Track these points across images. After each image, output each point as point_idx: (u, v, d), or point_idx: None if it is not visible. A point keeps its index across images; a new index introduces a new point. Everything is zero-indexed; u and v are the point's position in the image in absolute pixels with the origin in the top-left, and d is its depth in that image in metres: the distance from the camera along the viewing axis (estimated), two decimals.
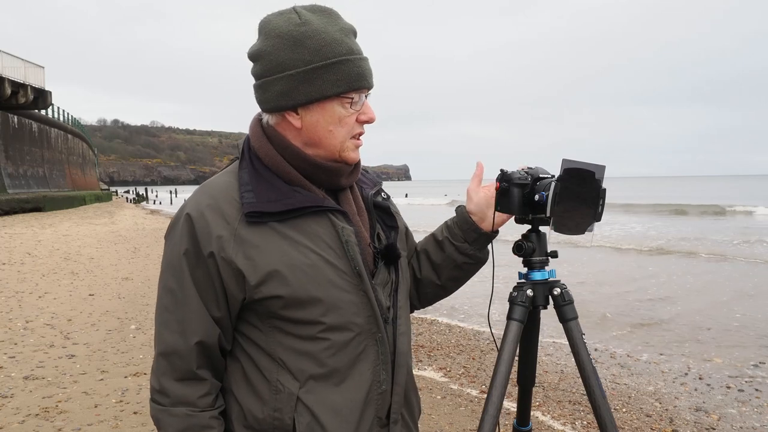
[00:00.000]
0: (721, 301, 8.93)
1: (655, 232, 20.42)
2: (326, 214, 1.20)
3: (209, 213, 1.16)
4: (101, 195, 47.11)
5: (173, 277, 1.18)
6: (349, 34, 1.20)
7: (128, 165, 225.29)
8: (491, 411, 1.33)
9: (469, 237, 1.44)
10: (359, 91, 1.20)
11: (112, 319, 6.93)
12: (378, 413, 1.23)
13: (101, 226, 21.64)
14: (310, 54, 1.16)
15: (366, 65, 1.20)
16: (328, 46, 1.16)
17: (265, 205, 1.16)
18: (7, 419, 3.92)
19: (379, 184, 1.42)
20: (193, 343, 1.17)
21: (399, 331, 1.27)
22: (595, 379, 1.38)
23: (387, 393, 1.24)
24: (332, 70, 1.16)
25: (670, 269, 12.17)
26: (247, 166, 1.23)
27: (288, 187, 1.20)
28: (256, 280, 1.14)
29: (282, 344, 1.18)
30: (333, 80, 1.16)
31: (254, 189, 1.18)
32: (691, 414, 4.51)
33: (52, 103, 33.60)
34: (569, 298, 1.44)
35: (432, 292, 1.51)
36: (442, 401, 4.59)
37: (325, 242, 1.18)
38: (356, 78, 1.18)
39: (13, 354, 5.44)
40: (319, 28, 1.18)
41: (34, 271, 10.45)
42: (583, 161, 1.29)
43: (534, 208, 1.39)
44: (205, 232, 1.15)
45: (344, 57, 1.17)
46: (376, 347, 1.22)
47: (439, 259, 1.46)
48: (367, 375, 1.21)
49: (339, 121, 1.20)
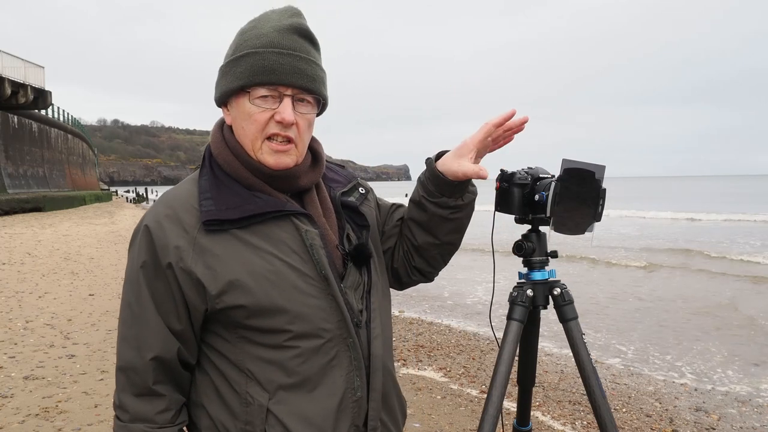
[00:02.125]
0: (720, 301, 8.93)
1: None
2: (289, 218, 1.16)
3: (167, 223, 1.13)
4: (101, 195, 47.08)
5: (131, 291, 1.16)
6: (284, 31, 1.13)
7: (128, 165, 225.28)
8: (491, 411, 1.33)
9: (445, 191, 1.28)
10: (268, 86, 1.12)
11: (112, 319, 6.93)
12: (354, 421, 1.18)
13: (101, 226, 21.64)
14: (233, 48, 1.17)
15: (284, 60, 1.11)
16: (249, 40, 1.14)
17: (224, 212, 1.12)
18: (7, 419, 3.92)
19: (354, 180, 1.36)
20: (149, 358, 1.14)
21: (373, 334, 1.21)
22: (595, 379, 1.39)
23: (363, 399, 1.19)
24: (239, 62, 1.14)
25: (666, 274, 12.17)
26: (207, 173, 1.19)
27: (248, 193, 1.16)
28: (216, 290, 1.10)
29: (249, 354, 1.15)
30: (237, 73, 1.14)
31: (213, 196, 1.15)
32: (691, 414, 4.51)
33: (52, 103, 33.59)
34: (569, 298, 1.44)
35: (437, 252, 1.38)
36: (442, 401, 4.59)
37: (289, 247, 1.14)
38: (260, 71, 1.11)
39: (13, 354, 5.44)
40: (258, 24, 1.16)
41: (34, 271, 10.45)
42: (583, 161, 1.29)
43: (534, 208, 1.39)
44: (163, 243, 1.12)
45: (253, 50, 1.13)
46: (348, 353, 1.17)
47: (425, 219, 1.33)
48: (339, 382, 1.17)
49: (248, 117, 1.14)
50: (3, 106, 28.12)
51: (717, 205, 36.31)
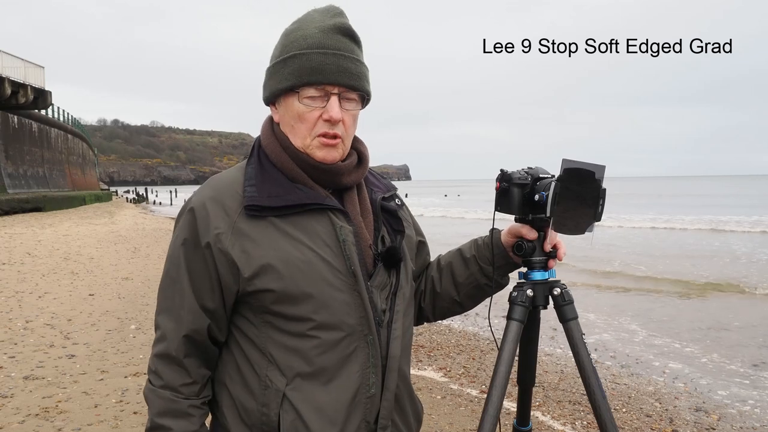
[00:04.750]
0: (720, 301, 8.93)
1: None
2: (326, 213, 1.20)
3: (211, 205, 1.18)
4: (101, 195, 47.09)
5: (171, 266, 1.22)
6: (329, 31, 1.18)
7: (128, 165, 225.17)
8: (491, 411, 1.33)
9: (498, 262, 1.43)
10: (316, 86, 1.17)
11: (112, 319, 6.93)
12: (366, 417, 1.21)
13: (101, 226, 21.64)
14: (280, 49, 1.22)
15: (331, 60, 1.16)
16: (297, 41, 1.19)
17: (266, 199, 1.17)
18: (7, 419, 3.92)
19: (393, 190, 1.41)
20: (183, 332, 1.19)
21: (393, 335, 1.24)
22: (595, 379, 1.38)
23: (376, 397, 1.22)
24: (288, 63, 1.18)
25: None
26: (254, 162, 1.25)
27: (291, 184, 1.21)
28: (249, 273, 1.15)
29: (273, 340, 1.19)
30: (286, 74, 1.18)
31: (257, 184, 1.20)
32: (691, 414, 4.51)
33: (52, 103, 33.57)
34: (569, 298, 1.43)
35: (448, 306, 1.50)
36: (442, 401, 4.59)
37: (322, 240, 1.18)
38: (308, 72, 1.16)
39: (13, 354, 5.44)
40: (303, 25, 1.21)
41: (34, 271, 10.45)
42: (583, 161, 1.28)
43: (534, 208, 1.38)
44: (205, 224, 1.17)
45: (300, 51, 1.17)
46: (366, 349, 1.20)
47: (462, 275, 1.46)
48: (355, 377, 1.19)
49: (299, 117, 1.19)
50: (3, 106, 28.12)
51: (702, 209, 34.58)
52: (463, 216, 34.02)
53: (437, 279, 1.49)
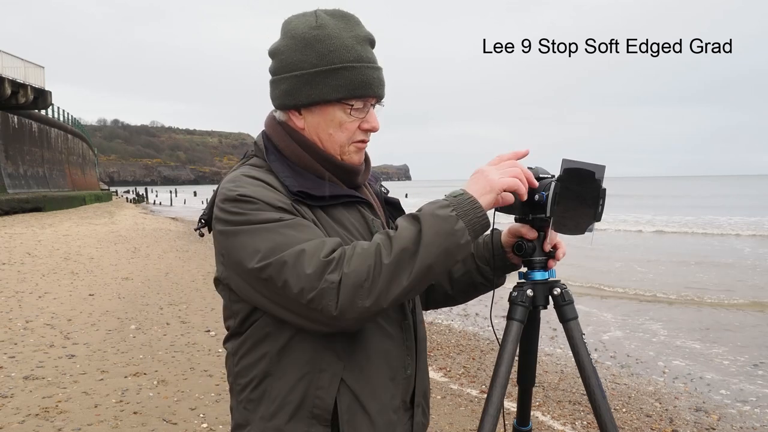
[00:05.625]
0: (720, 302, 8.93)
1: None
2: (356, 206, 1.27)
3: (265, 191, 1.15)
4: (101, 195, 47.09)
5: (279, 229, 1.11)
6: (363, 42, 1.23)
7: (128, 165, 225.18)
8: (491, 411, 1.33)
9: (496, 263, 1.47)
10: (363, 98, 1.23)
11: (112, 319, 6.93)
12: (403, 397, 1.28)
13: (101, 226, 21.64)
14: (317, 57, 1.21)
15: (374, 74, 1.23)
16: (336, 51, 1.20)
17: (310, 189, 1.20)
18: (7, 419, 3.92)
19: (380, 180, 1.48)
20: (327, 248, 1.10)
21: (418, 319, 1.34)
22: (595, 379, 1.38)
23: (411, 377, 1.30)
24: (335, 75, 1.20)
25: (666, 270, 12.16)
26: (276, 160, 1.25)
27: (321, 180, 1.25)
28: None
29: None
30: (335, 85, 1.21)
31: (292, 176, 1.22)
32: (691, 414, 4.51)
33: (52, 103, 33.58)
34: (569, 298, 1.44)
35: (440, 299, 1.55)
36: (442, 401, 4.59)
37: (358, 231, 1.24)
38: (359, 86, 1.21)
39: (13, 354, 5.44)
40: (332, 33, 1.21)
41: (34, 271, 10.44)
42: (583, 161, 1.28)
43: (534, 208, 1.38)
44: (273, 198, 1.14)
45: (349, 64, 1.21)
46: (402, 333, 1.28)
47: (458, 272, 1.49)
48: (396, 360, 1.26)
49: (340, 125, 1.24)
50: (3, 106, 28.13)
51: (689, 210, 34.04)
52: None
53: None
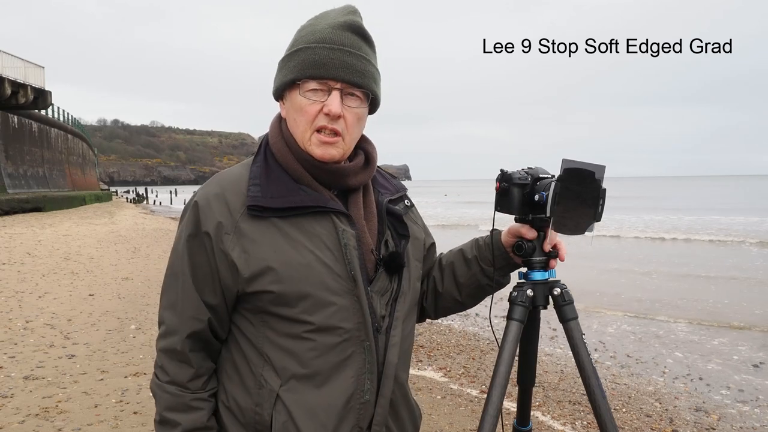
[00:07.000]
0: (720, 301, 8.93)
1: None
2: (329, 216, 1.19)
3: (215, 202, 1.18)
4: (101, 195, 47.05)
5: (175, 261, 1.22)
6: (339, 28, 1.18)
7: (128, 165, 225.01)
8: (491, 411, 1.33)
9: (498, 263, 1.44)
10: (318, 79, 1.16)
11: (112, 319, 6.93)
12: (359, 423, 1.20)
13: (101, 226, 21.63)
14: (291, 43, 1.22)
15: (335, 55, 1.16)
16: (306, 36, 1.19)
17: (269, 200, 1.16)
18: (7, 419, 3.92)
19: (403, 191, 1.39)
20: (186, 327, 1.20)
21: (391, 342, 1.23)
22: (595, 379, 1.38)
23: (370, 404, 1.20)
24: (294, 57, 1.19)
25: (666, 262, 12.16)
26: (260, 161, 1.24)
27: (295, 185, 1.20)
28: (249, 274, 1.15)
29: (269, 340, 1.19)
30: (291, 67, 1.19)
31: (261, 183, 1.19)
32: (691, 414, 4.51)
33: (52, 103, 33.55)
34: (569, 298, 1.43)
35: (450, 306, 1.51)
36: (442, 401, 4.59)
37: (324, 243, 1.17)
38: (311, 65, 1.16)
39: (13, 354, 5.43)
40: (315, 22, 1.21)
41: (34, 271, 10.44)
42: (583, 161, 1.28)
43: (534, 208, 1.38)
44: (207, 218, 1.17)
45: (306, 45, 1.18)
46: (363, 355, 1.19)
47: (464, 276, 1.46)
48: (349, 382, 1.18)
49: (300, 110, 1.19)
50: (3, 106, 28.10)
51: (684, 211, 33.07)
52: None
53: (439, 279, 1.49)
